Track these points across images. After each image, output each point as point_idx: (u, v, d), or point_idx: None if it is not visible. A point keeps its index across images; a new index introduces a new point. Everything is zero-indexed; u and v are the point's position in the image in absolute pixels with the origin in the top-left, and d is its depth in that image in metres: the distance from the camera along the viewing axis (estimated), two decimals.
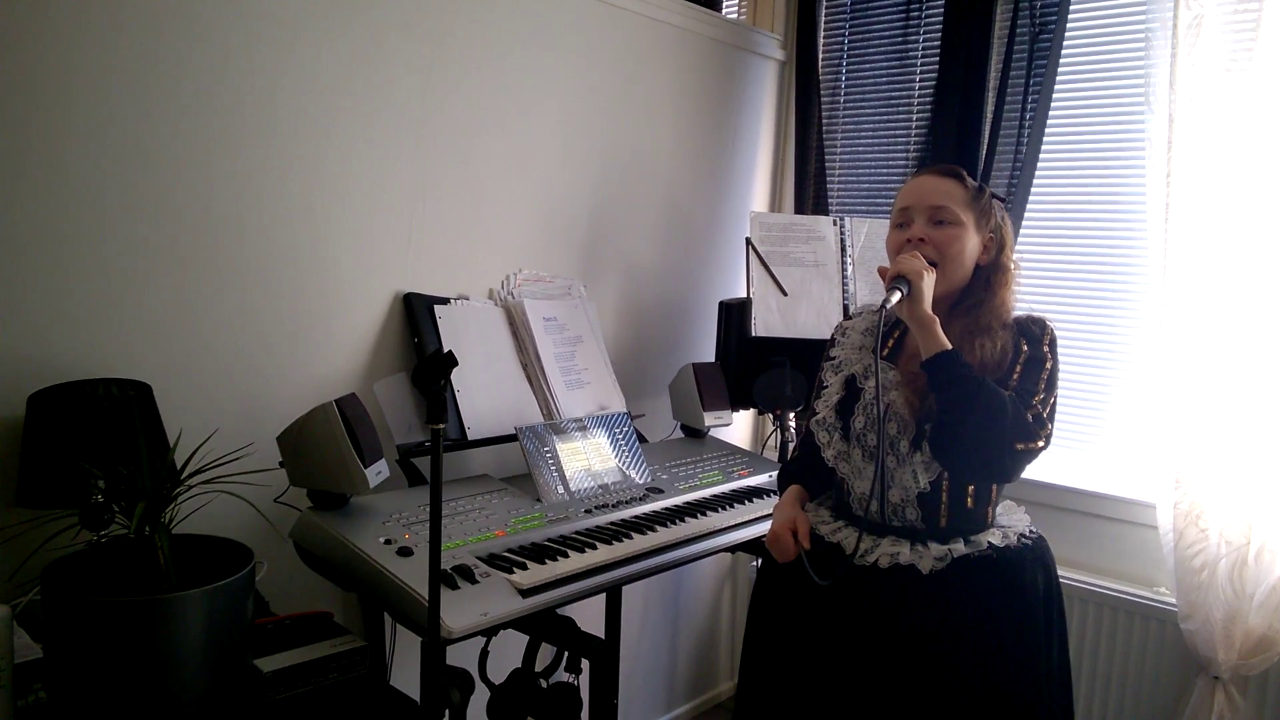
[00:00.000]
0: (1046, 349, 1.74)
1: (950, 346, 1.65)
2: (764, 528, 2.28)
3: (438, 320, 2.25)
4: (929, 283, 1.69)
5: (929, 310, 1.67)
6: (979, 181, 1.87)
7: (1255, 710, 2.44)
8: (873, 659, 1.72)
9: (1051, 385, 1.71)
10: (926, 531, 1.75)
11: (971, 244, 1.78)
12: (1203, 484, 2.40)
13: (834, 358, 1.92)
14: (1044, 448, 1.66)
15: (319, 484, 1.86)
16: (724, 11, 3.38)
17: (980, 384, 1.63)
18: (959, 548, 1.72)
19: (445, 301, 2.31)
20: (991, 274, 1.80)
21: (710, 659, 3.48)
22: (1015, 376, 1.70)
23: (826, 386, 1.89)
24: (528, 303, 2.45)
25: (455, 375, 2.19)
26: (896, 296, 1.67)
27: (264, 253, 2.03)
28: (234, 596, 1.43)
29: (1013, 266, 1.82)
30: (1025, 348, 1.73)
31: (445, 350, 1.53)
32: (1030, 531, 1.82)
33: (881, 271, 1.76)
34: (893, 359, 1.84)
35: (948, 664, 1.69)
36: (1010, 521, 1.82)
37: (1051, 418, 1.69)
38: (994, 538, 1.75)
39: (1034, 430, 1.64)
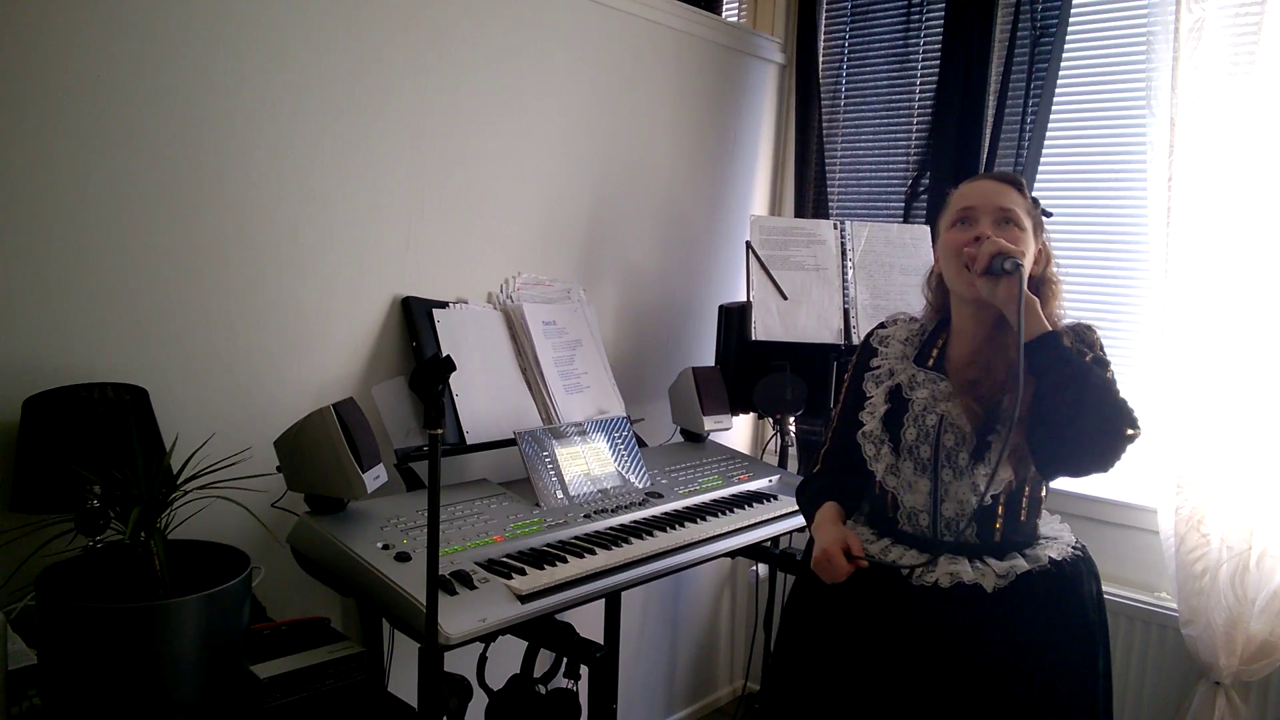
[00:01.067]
0: (1103, 354, 1.70)
1: (1053, 328, 1.60)
2: (765, 533, 2.29)
3: (436, 324, 2.24)
4: (1028, 264, 1.63)
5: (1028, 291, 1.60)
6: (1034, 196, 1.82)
7: (1257, 716, 2.43)
8: (934, 680, 1.66)
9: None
10: (982, 546, 1.70)
11: (1032, 250, 1.74)
12: (1204, 489, 2.39)
13: (876, 368, 1.84)
14: (1140, 435, 1.58)
15: (316, 489, 1.85)
16: (724, 14, 3.38)
17: (1089, 365, 1.56)
18: (1020, 564, 1.66)
19: (444, 305, 2.30)
20: (1040, 286, 1.75)
21: (710, 664, 3.47)
22: None
23: (870, 398, 1.82)
24: (526, 306, 2.45)
25: (454, 379, 2.20)
26: (1010, 268, 1.58)
27: (261, 256, 2.02)
28: (230, 602, 1.42)
29: (1059, 280, 1.78)
30: (1087, 353, 1.67)
31: (443, 354, 1.52)
32: (1077, 542, 1.78)
33: (971, 256, 1.66)
34: (939, 369, 1.77)
35: (1007, 684, 1.64)
36: (1055, 532, 1.78)
37: None
38: (1052, 551, 1.70)
39: (1135, 416, 1.57)
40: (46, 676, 1.39)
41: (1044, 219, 1.80)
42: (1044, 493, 1.76)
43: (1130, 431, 1.56)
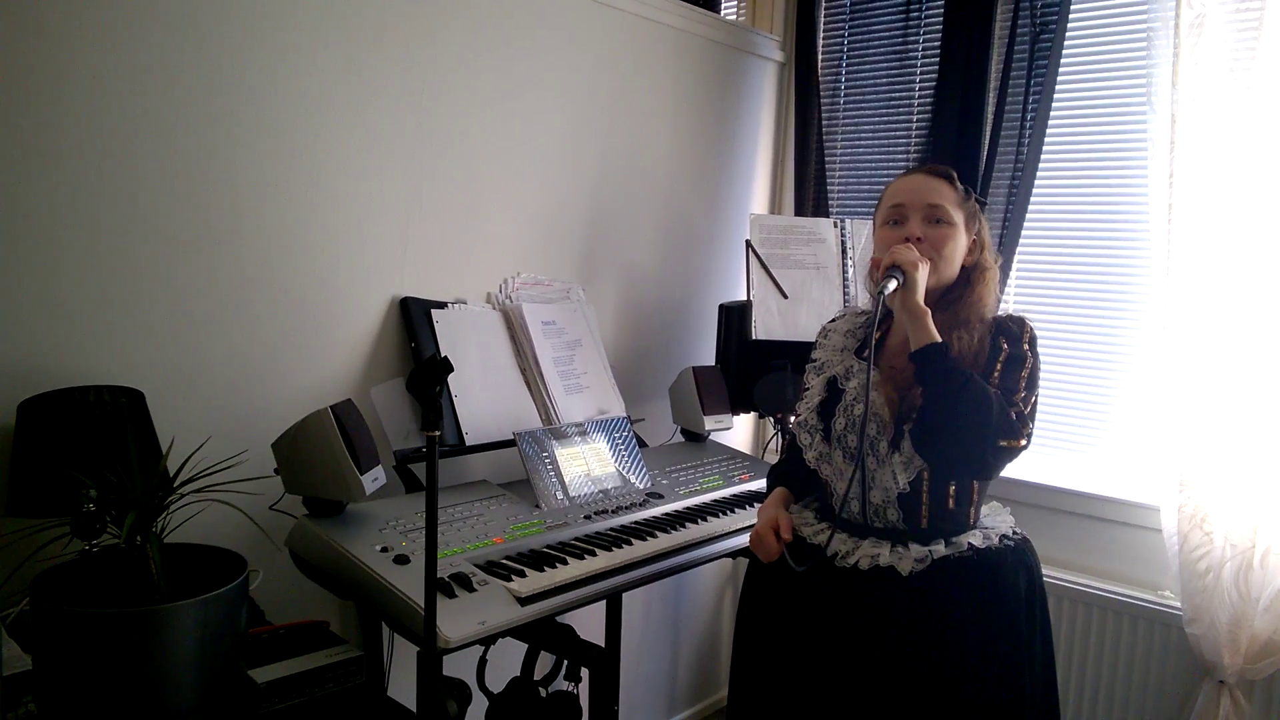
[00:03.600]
0: (1026, 347, 1.73)
1: (940, 339, 1.66)
2: None
3: (435, 325, 2.23)
4: (923, 274, 1.69)
5: (921, 302, 1.68)
6: (966, 184, 1.88)
7: (1261, 715, 2.42)
8: (855, 661, 1.72)
9: (1033, 384, 1.71)
10: (908, 532, 1.75)
11: (962, 244, 1.80)
12: (1207, 487, 2.38)
13: (815, 360, 1.93)
14: (1025, 446, 1.67)
15: (315, 491, 1.83)
16: (723, 13, 3.37)
17: (968, 377, 1.63)
18: (939, 549, 1.71)
19: (442, 306, 2.29)
20: (972, 273, 1.82)
21: (712, 665, 3.46)
22: (996, 375, 1.70)
23: (808, 388, 1.90)
24: (526, 306, 2.43)
25: (453, 380, 2.19)
26: (893, 285, 1.67)
27: (258, 257, 2.01)
28: (227, 607, 1.41)
29: (991, 266, 1.83)
30: (1005, 346, 1.73)
31: (440, 355, 1.51)
32: (1014, 532, 1.81)
33: (875, 262, 1.76)
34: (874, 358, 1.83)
35: (929, 666, 1.68)
36: (993, 523, 1.82)
37: (1033, 416, 1.70)
38: (975, 539, 1.74)
39: (1017, 428, 1.65)
40: (42, 682, 1.38)
41: (979, 208, 1.86)
42: (976, 483, 1.78)
43: (1005, 443, 1.63)
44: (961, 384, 1.62)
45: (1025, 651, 1.74)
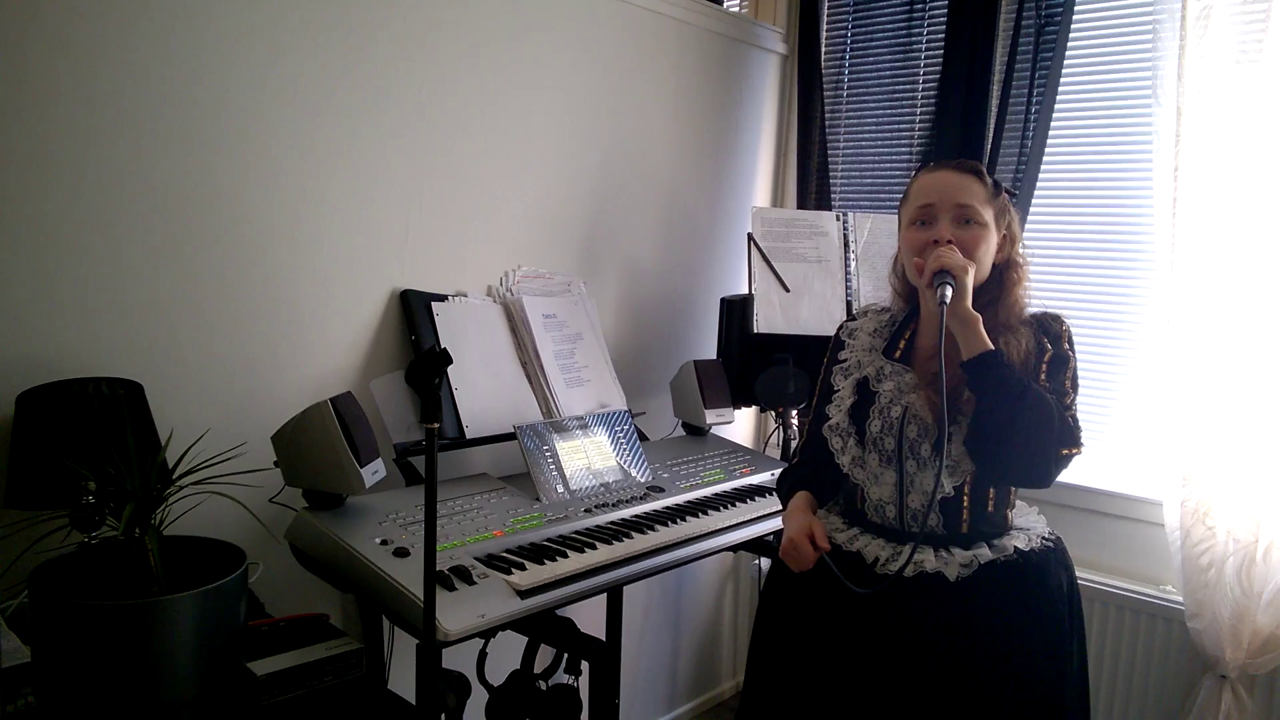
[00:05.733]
0: (1068, 347, 1.69)
1: (993, 347, 1.59)
2: (767, 526, 2.27)
3: (435, 317, 2.22)
4: (971, 278, 1.62)
5: (971, 308, 1.61)
6: (995, 178, 1.80)
7: (1263, 710, 2.42)
8: (898, 669, 1.66)
9: (1076, 385, 1.67)
10: (948, 537, 1.70)
11: (993, 244, 1.72)
12: (1210, 481, 2.37)
13: (843, 360, 1.86)
14: (1081, 453, 1.62)
15: (314, 484, 1.83)
16: (725, 4, 3.35)
17: (1026, 386, 1.57)
18: (984, 553, 1.66)
19: (443, 298, 2.28)
20: (1005, 271, 1.75)
21: (712, 659, 3.46)
22: (1043, 377, 1.65)
23: (837, 391, 1.83)
24: (527, 300, 2.43)
25: (453, 373, 2.18)
26: (950, 292, 1.59)
27: (257, 249, 2.00)
28: (226, 599, 1.41)
29: (1025, 262, 1.77)
30: (1049, 346, 1.68)
31: (440, 348, 1.50)
32: (1050, 533, 1.77)
33: (918, 266, 1.68)
34: (906, 360, 1.78)
35: (975, 673, 1.64)
36: (1028, 523, 1.78)
37: (1079, 419, 1.65)
38: (1019, 541, 1.70)
39: (1076, 434, 1.61)
40: (41, 674, 1.37)
41: (1010, 200, 1.79)
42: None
43: (1066, 451, 1.60)
44: (1020, 393, 1.56)
45: (1064, 652, 1.70)
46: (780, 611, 1.86)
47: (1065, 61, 2.64)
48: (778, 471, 2.58)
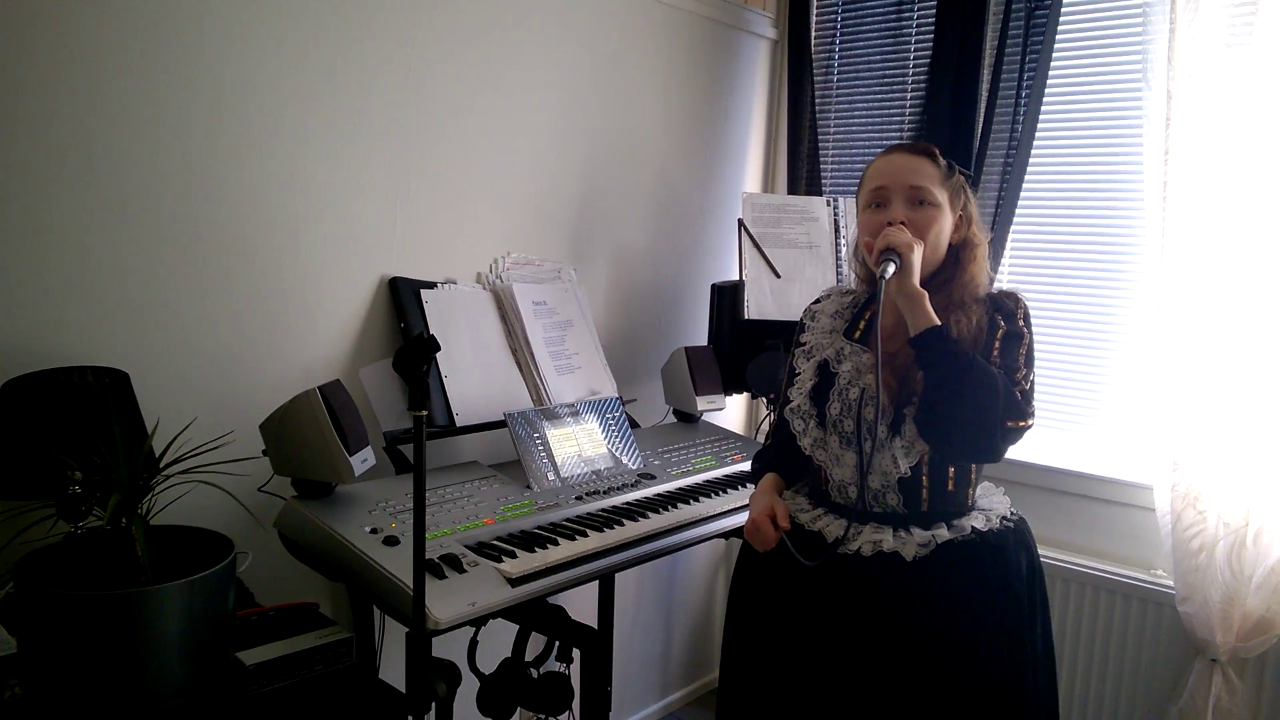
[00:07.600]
0: (1023, 323, 1.72)
1: (939, 322, 1.62)
2: None
3: (424, 305, 2.21)
4: (918, 256, 1.65)
5: (918, 285, 1.64)
6: (951, 160, 1.82)
7: (1253, 692, 2.43)
8: (858, 647, 1.70)
9: (1031, 360, 1.70)
10: (908, 517, 1.73)
11: (947, 224, 1.76)
12: (1201, 466, 2.38)
13: (804, 343, 1.88)
14: (1031, 425, 1.65)
15: (303, 472, 1.82)
16: None
17: (971, 360, 1.60)
18: (942, 533, 1.70)
19: (432, 286, 2.27)
20: (961, 250, 1.78)
21: (705, 645, 3.46)
22: (995, 353, 1.69)
23: (799, 373, 1.86)
24: (516, 287, 2.41)
25: (442, 361, 2.17)
26: (891, 269, 1.63)
27: (245, 236, 1.98)
28: (213, 589, 1.40)
29: (981, 241, 1.79)
30: (1002, 323, 1.71)
31: (427, 334, 1.49)
32: (1011, 513, 1.80)
33: (867, 245, 1.72)
34: (864, 341, 1.80)
35: (934, 650, 1.67)
36: (990, 504, 1.80)
37: (1033, 393, 1.68)
38: (977, 522, 1.72)
39: (1023, 407, 1.64)
40: (28, 665, 1.37)
41: (965, 181, 1.81)
42: (974, 465, 1.77)
43: (1014, 424, 1.62)
44: (965, 367, 1.59)
45: (1028, 632, 1.73)
46: (747, 591, 1.90)
47: (1055, 46, 2.63)
48: None
